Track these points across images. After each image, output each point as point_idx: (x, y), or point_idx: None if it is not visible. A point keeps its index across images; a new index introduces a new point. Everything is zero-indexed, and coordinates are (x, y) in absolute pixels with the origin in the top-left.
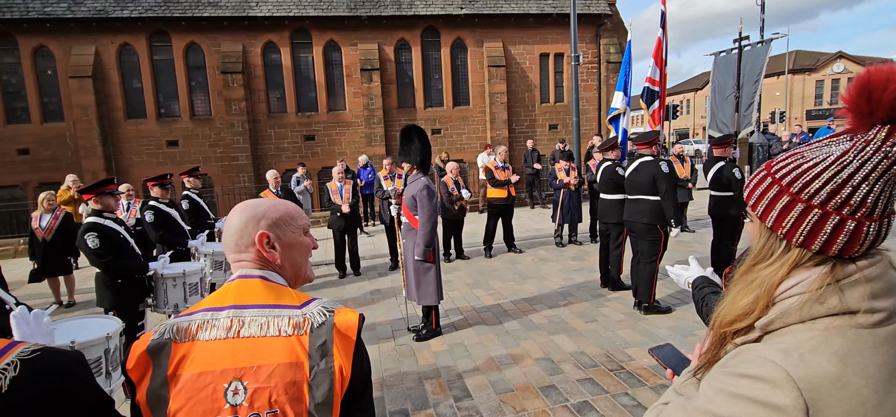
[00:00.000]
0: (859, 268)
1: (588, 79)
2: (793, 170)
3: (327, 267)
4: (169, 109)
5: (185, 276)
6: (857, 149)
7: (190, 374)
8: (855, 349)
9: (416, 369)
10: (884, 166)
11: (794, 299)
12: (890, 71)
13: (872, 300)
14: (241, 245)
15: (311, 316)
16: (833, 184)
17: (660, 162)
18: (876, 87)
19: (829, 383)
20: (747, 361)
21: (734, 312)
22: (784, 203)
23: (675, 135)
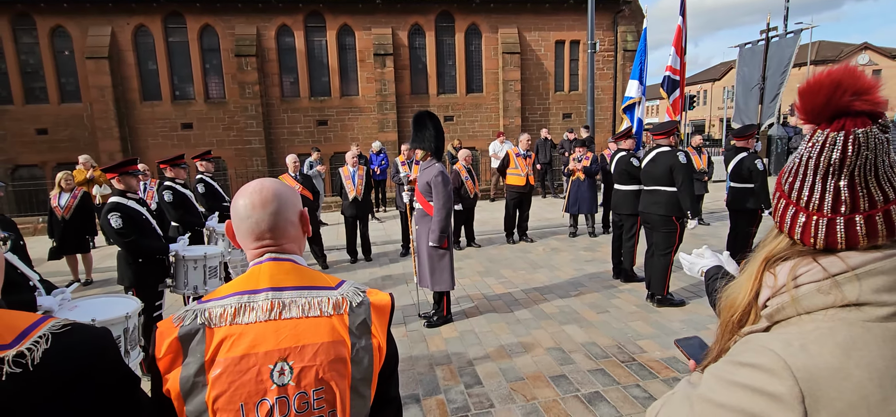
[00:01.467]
0: (871, 261)
1: (604, 67)
2: (789, 174)
3: (339, 252)
4: (183, 92)
5: (206, 259)
6: (811, 148)
7: (231, 358)
8: (861, 342)
9: (427, 354)
10: (844, 162)
11: (794, 291)
12: (815, 79)
13: (882, 293)
14: (277, 228)
15: (348, 296)
16: (806, 184)
17: (677, 152)
18: (814, 90)
19: (830, 374)
20: (750, 350)
21: (740, 296)
22: (782, 206)
23: (690, 127)
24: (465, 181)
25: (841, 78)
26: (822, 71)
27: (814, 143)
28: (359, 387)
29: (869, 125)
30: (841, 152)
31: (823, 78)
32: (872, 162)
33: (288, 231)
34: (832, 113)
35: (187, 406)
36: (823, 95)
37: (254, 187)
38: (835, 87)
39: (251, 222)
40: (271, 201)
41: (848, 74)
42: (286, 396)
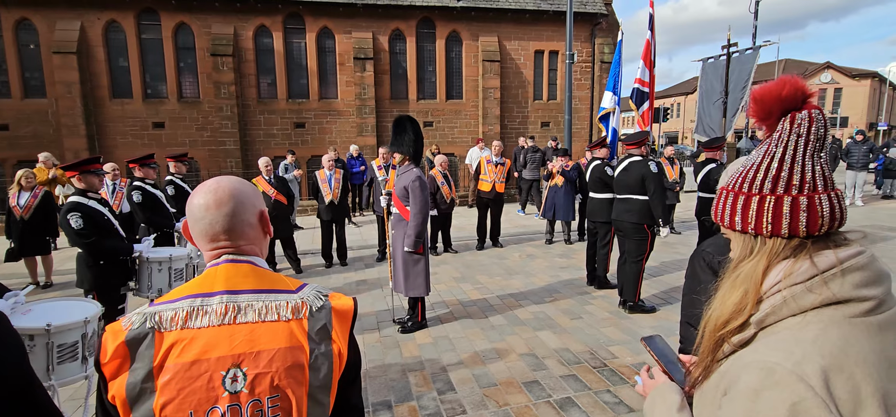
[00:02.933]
0: (844, 259)
1: (582, 78)
2: (739, 176)
3: (314, 256)
4: (156, 90)
5: (172, 261)
6: (776, 139)
7: (181, 363)
8: (852, 339)
9: (401, 361)
10: (799, 143)
11: (785, 292)
12: (768, 85)
13: (862, 288)
14: (233, 229)
15: (308, 300)
16: (772, 172)
17: (649, 162)
18: (765, 97)
19: (835, 373)
20: (754, 374)
21: (726, 312)
22: (742, 203)
23: (664, 138)
24: (441, 186)
25: (795, 83)
26: (770, 83)
27: (796, 129)
28: (317, 395)
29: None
30: (823, 124)
31: (780, 86)
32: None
33: (245, 232)
34: (788, 108)
35: (134, 413)
36: (784, 97)
37: (209, 186)
38: (793, 90)
39: (205, 223)
40: (227, 201)
41: (797, 82)
42: (238, 404)
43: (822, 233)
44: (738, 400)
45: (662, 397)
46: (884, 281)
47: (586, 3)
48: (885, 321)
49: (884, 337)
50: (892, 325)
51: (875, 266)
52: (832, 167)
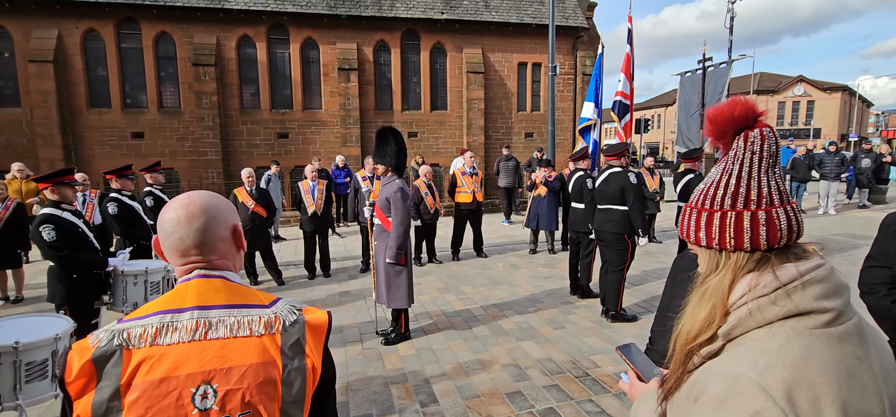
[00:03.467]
0: (805, 272)
1: (564, 89)
2: (701, 194)
3: (297, 267)
4: (135, 100)
5: (148, 274)
6: (732, 157)
7: (150, 381)
8: (813, 350)
9: (383, 373)
10: (754, 160)
11: (751, 304)
12: (720, 106)
13: (822, 300)
14: (205, 244)
15: (282, 314)
16: (730, 188)
17: (628, 173)
18: (719, 117)
19: (797, 383)
20: (720, 384)
21: (696, 325)
22: (705, 219)
23: (646, 148)
24: (425, 197)
25: (746, 104)
26: (723, 103)
27: (750, 147)
28: (290, 410)
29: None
30: (775, 141)
31: (733, 106)
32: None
33: (217, 247)
34: (741, 128)
35: None
36: (737, 117)
37: (181, 201)
38: (744, 111)
39: (176, 238)
40: (199, 216)
41: (747, 103)
42: None
43: (782, 246)
44: (705, 409)
45: (648, 401)
46: (842, 293)
47: (568, 17)
48: (843, 332)
49: (843, 348)
50: (850, 336)
51: (834, 278)
52: (807, 177)
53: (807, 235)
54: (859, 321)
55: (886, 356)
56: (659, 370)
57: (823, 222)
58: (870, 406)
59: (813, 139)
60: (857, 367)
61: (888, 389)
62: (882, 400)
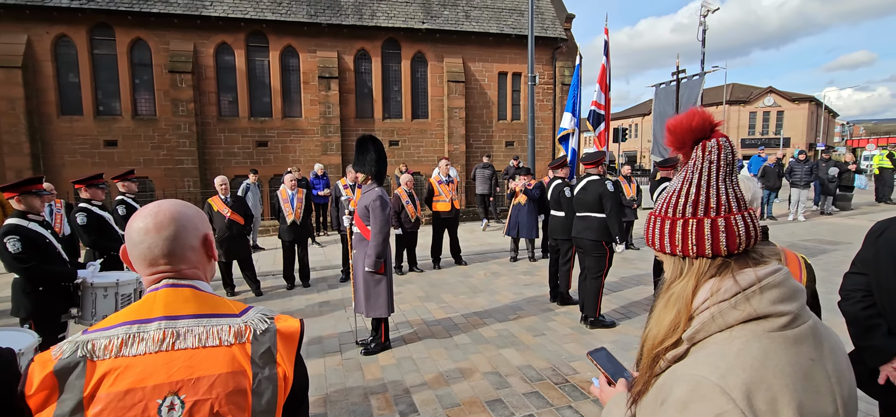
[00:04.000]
0: (762, 277)
1: (544, 99)
2: (664, 203)
3: (275, 277)
4: (109, 107)
5: (119, 286)
6: (692, 166)
7: (114, 393)
8: (771, 352)
9: (363, 384)
10: (712, 168)
11: (712, 309)
12: (679, 117)
13: (779, 303)
14: (173, 253)
15: (252, 323)
16: (691, 197)
17: (606, 181)
18: (677, 128)
19: (755, 385)
20: (683, 385)
21: (662, 330)
22: (668, 227)
23: (624, 157)
24: (406, 205)
25: (703, 115)
26: (682, 114)
27: (708, 156)
28: None
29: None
30: (731, 151)
31: (690, 117)
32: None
33: (187, 256)
34: (699, 138)
35: None
36: (694, 127)
37: (150, 210)
38: (701, 121)
39: (144, 247)
40: (167, 225)
41: (704, 114)
42: None
43: (741, 251)
44: (670, 411)
45: (618, 405)
46: (798, 297)
47: (547, 29)
48: (799, 334)
49: (798, 350)
50: (806, 338)
51: (790, 282)
52: (777, 185)
53: (779, 243)
54: (814, 323)
55: (840, 357)
56: (629, 373)
57: (793, 228)
58: (823, 405)
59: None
60: (812, 368)
61: (841, 389)
62: (835, 400)
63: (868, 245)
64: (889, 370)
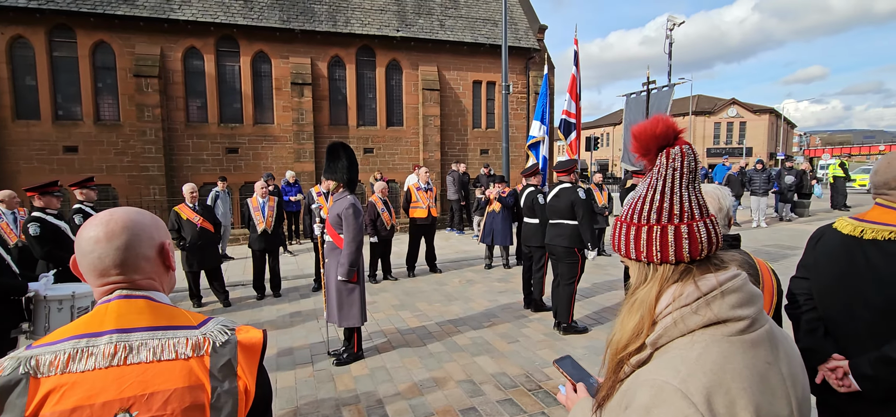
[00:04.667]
0: (723, 282)
1: (517, 107)
2: (630, 209)
3: (244, 288)
4: (69, 112)
5: (75, 299)
6: (656, 173)
7: (59, 411)
8: (729, 355)
9: (335, 396)
10: (675, 175)
11: (675, 314)
12: (642, 125)
13: (737, 308)
14: (126, 263)
15: (211, 335)
16: (655, 204)
17: (577, 189)
18: (642, 135)
19: (715, 389)
20: (646, 390)
21: (626, 335)
22: (634, 233)
23: (595, 165)
24: (382, 212)
25: (667, 122)
26: (646, 121)
27: (672, 163)
28: None
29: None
30: (694, 158)
31: (654, 124)
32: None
33: (141, 266)
34: (663, 145)
35: None
36: (658, 135)
37: (101, 218)
38: (665, 128)
39: (94, 257)
40: (120, 234)
41: (668, 121)
42: None
43: (703, 257)
44: (635, 413)
45: (582, 409)
46: (756, 302)
47: (520, 39)
48: (756, 338)
49: (755, 353)
50: (762, 342)
51: (748, 287)
52: (740, 192)
53: (748, 248)
54: (770, 327)
55: (794, 359)
56: (595, 380)
57: (756, 234)
58: (779, 407)
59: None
60: (768, 371)
61: (795, 391)
62: (790, 401)
63: (808, 250)
64: (825, 370)
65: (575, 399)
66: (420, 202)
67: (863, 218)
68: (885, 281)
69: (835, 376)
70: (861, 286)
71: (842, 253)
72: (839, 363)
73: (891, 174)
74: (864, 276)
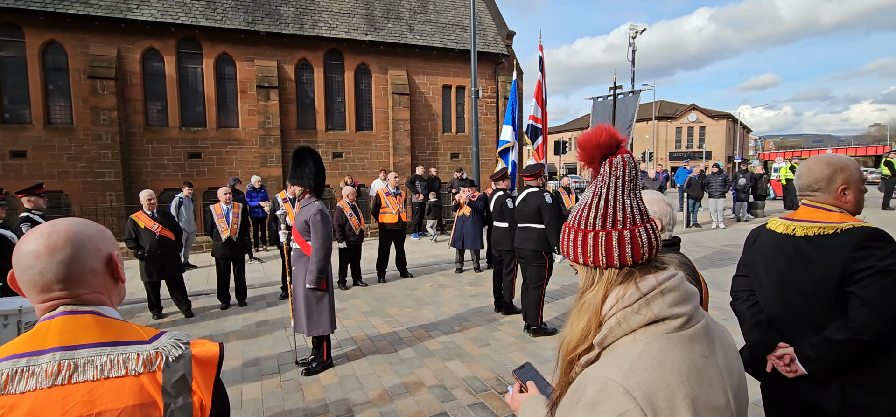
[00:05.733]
0: (661, 282)
1: (487, 112)
2: (577, 214)
3: (208, 297)
4: (16, 114)
5: (22, 313)
6: (600, 181)
7: None
8: (668, 351)
9: (303, 406)
10: (618, 183)
11: (618, 315)
12: (588, 133)
13: (674, 306)
14: (70, 277)
15: (164, 349)
16: (600, 210)
17: (544, 192)
18: (590, 141)
19: (655, 384)
20: (592, 387)
21: (575, 337)
22: (581, 240)
23: (564, 169)
24: (350, 218)
25: (610, 132)
26: (591, 130)
27: (614, 171)
28: None
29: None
30: (634, 166)
31: (598, 134)
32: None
33: (86, 280)
34: (606, 153)
35: None
36: (602, 144)
37: (41, 231)
38: (609, 138)
39: (34, 272)
40: (62, 247)
41: (611, 131)
42: None
43: (644, 260)
44: (581, 412)
45: (532, 406)
46: (692, 299)
47: (489, 44)
48: (693, 333)
49: (692, 348)
50: (699, 337)
51: (684, 286)
52: (700, 195)
53: (704, 248)
54: (707, 322)
55: (730, 351)
56: (552, 388)
57: (715, 235)
58: (716, 397)
59: (706, 160)
60: (705, 364)
61: (731, 381)
62: (726, 392)
63: (747, 249)
64: (773, 359)
65: (521, 398)
66: (390, 207)
67: (793, 218)
68: (817, 269)
69: (782, 363)
70: (796, 277)
71: (777, 250)
72: (785, 350)
73: (812, 178)
74: (797, 268)
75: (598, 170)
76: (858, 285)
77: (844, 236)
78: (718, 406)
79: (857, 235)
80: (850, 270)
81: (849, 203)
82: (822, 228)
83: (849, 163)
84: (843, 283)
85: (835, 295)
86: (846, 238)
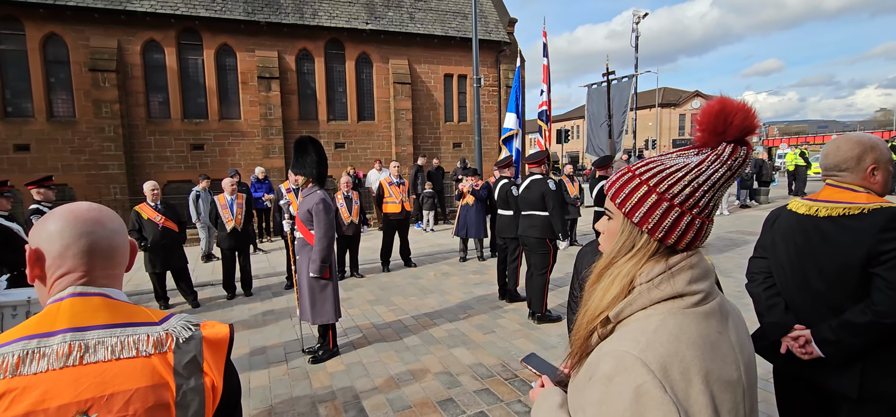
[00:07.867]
0: (683, 258)
1: (489, 101)
2: (658, 172)
3: (214, 288)
4: (19, 108)
5: (30, 304)
6: (710, 161)
7: None
8: (684, 326)
9: (310, 393)
10: (725, 176)
11: (641, 287)
12: (741, 104)
13: (694, 283)
14: (93, 256)
15: (174, 331)
16: (691, 188)
17: (548, 180)
18: (730, 113)
19: (671, 357)
20: (609, 361)
21: (605, 303)
22: (652, 201)
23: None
24: (340, 208)
25: (749, 116)
26: (731, 101)
27: (732, 160)
28: None
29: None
30: (745, 165)
31: (735, 112)
32: None
33: (101, 262)
34: (735, 137)
35: None
36: (736, 126)
37: (62, 211)
38: (744, 123)
39: (59, 245)
40: (83, 227)
41: (751, 117)
42: None
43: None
44: (597, 385)
45: (545, 398)
46: (709, 276)
47: (490, 32)
48: (708, 310)
49: (708, 324)
50: (714, 313)
51: (703, 264)
52: None
53: (712, 234)
54: (721, 299)
55: (741, 327)
56: (562, 372)
57: (720, 221)
58: (729, 371)
59: None
60: (719, 339)
61: (743, 356)
62: (739, 366)
63: (765, 231)
64: (788, 341)
65: (538, 390)
66: (393, 197)
67: (816, 198)
68: (840, 250)
69: (798, 344)
70: (817, 259)
71: (798, 232)
72: (802, 332)
73: (840, 157)
74: (819, 250)
75: (711, 144)
76: (884, 267)
77: (871, 216)
78: (731, 380)
79: (885, 215)
80: (877, 251)
81: (877, 183)
82: (848, 208)
83: (878, 142)
84: (868, 265)
85: (859, 277)
86: (873, 218)
